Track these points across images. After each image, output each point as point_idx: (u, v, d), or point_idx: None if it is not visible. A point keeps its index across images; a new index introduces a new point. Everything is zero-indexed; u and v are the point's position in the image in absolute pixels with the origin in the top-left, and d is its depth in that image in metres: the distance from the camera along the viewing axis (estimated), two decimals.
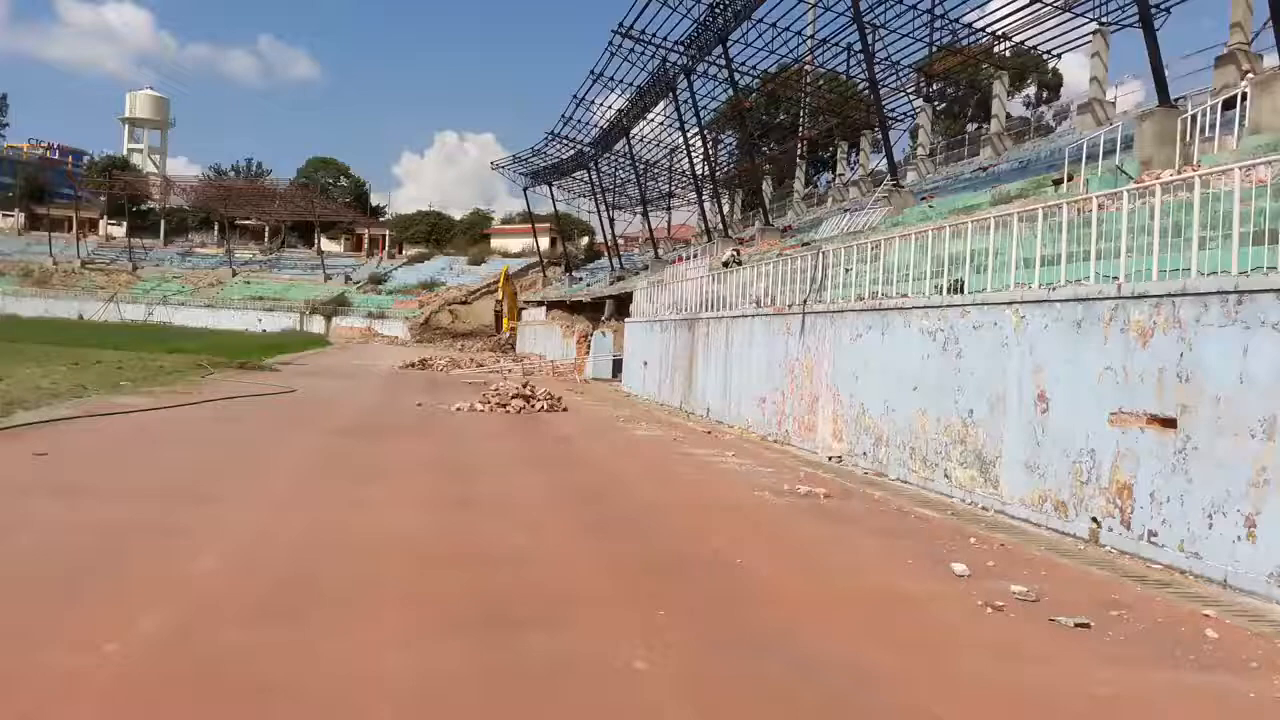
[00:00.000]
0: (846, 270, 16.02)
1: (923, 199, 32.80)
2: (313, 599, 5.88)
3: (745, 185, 67.58)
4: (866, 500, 11.29)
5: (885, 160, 35.79)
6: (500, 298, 73.74)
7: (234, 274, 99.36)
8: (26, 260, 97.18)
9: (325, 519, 8.39)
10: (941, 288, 12.72)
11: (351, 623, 5.43)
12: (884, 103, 41.50)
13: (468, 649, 5.12)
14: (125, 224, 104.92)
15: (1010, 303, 10.62)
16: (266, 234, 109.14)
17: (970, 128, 52.73)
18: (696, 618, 5.95)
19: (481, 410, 20.00)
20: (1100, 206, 10.12)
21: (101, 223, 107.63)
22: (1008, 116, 44.29)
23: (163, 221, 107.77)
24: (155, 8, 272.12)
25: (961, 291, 12.17)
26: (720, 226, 46.99)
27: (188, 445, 12.66)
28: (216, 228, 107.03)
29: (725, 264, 25.96)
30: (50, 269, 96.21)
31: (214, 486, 9.67)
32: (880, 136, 36.73)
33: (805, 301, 16.52)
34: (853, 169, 53.88)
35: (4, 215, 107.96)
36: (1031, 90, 62.55)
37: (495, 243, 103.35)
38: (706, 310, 22.68)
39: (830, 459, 14.59)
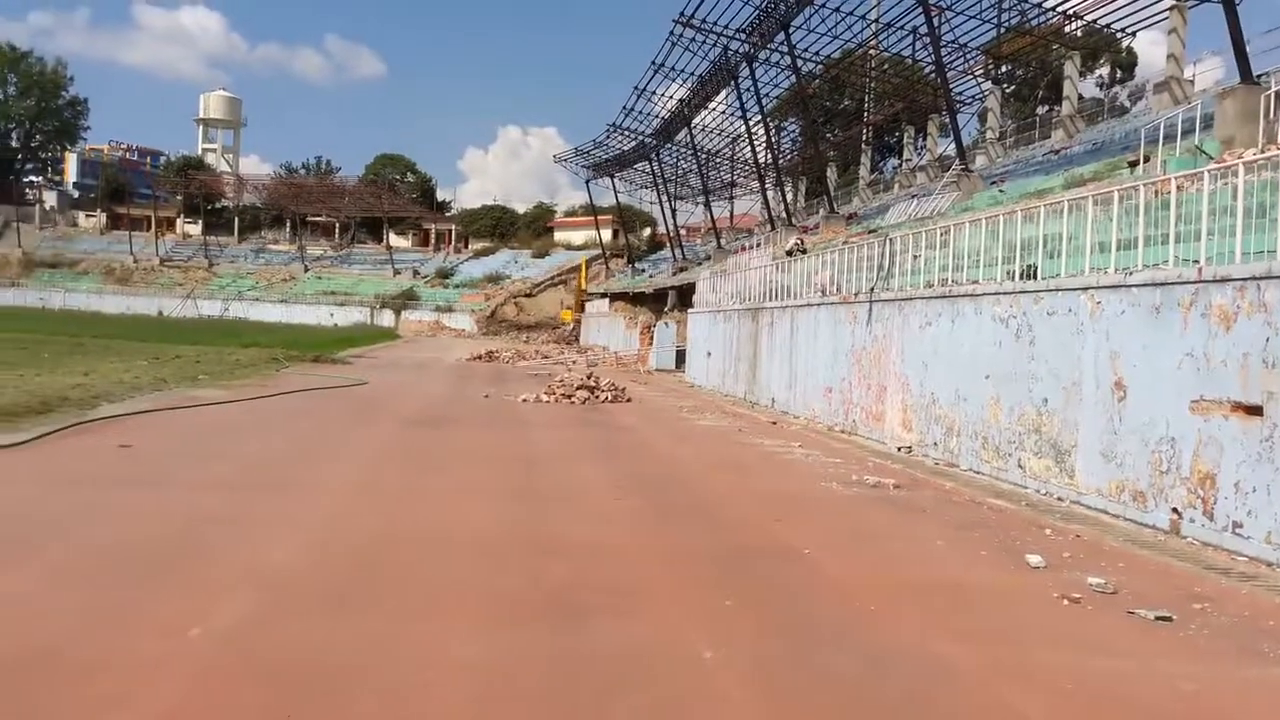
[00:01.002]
0: (915, 257, 15.77)
1: (993, 183, 32.12)
2: (383, 587, 6.00)
3: (809, 173, 66.84)
4: (937, 491, 11.12)
5: (953, 145, 35.13)
6: (583, 286, 74.71)
7: (306, 270, 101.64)
8: (108, 259, 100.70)
9: (395, 508, 8.55)
10: (1013, 274, 12.45)
11: (421, 610, 5.53)
12: (951, 86, 40.63)
13: (536, 637, 5.17)
14: (201, 222, 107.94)
15: (1085, 288, 10.35)
16: (337, 230, 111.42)
17: (1041, 110, 51.43)
18: (764, 608, 5.93)
19: (547, 401, 20.18)
20: (1179, 188, 9.79)
21: (178, 221, 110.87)
22: (1080, 98, 43.04)
23: (236, 219, 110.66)
24: (226, 10, 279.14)
25: (1034, 277, 11.89)
26: (784, 215, 46.60)
27: (263, 437, 13.00)
28: (288, 225, 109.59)
29: (789, 253, 25.74)
30: (131, 267, 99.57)
31: (288, 476, 9.93)
32: (948, 120, 36.01)
33: (872, 289, 16.30)
34: (920, 154, 52.95)
35: (86, 215, 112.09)
36: (1105, 70, 60.66)
37: (558, 235, 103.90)
38: (771, 300, 22.54)
39: (899, 449, 14.40)
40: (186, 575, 5.99)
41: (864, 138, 58.31)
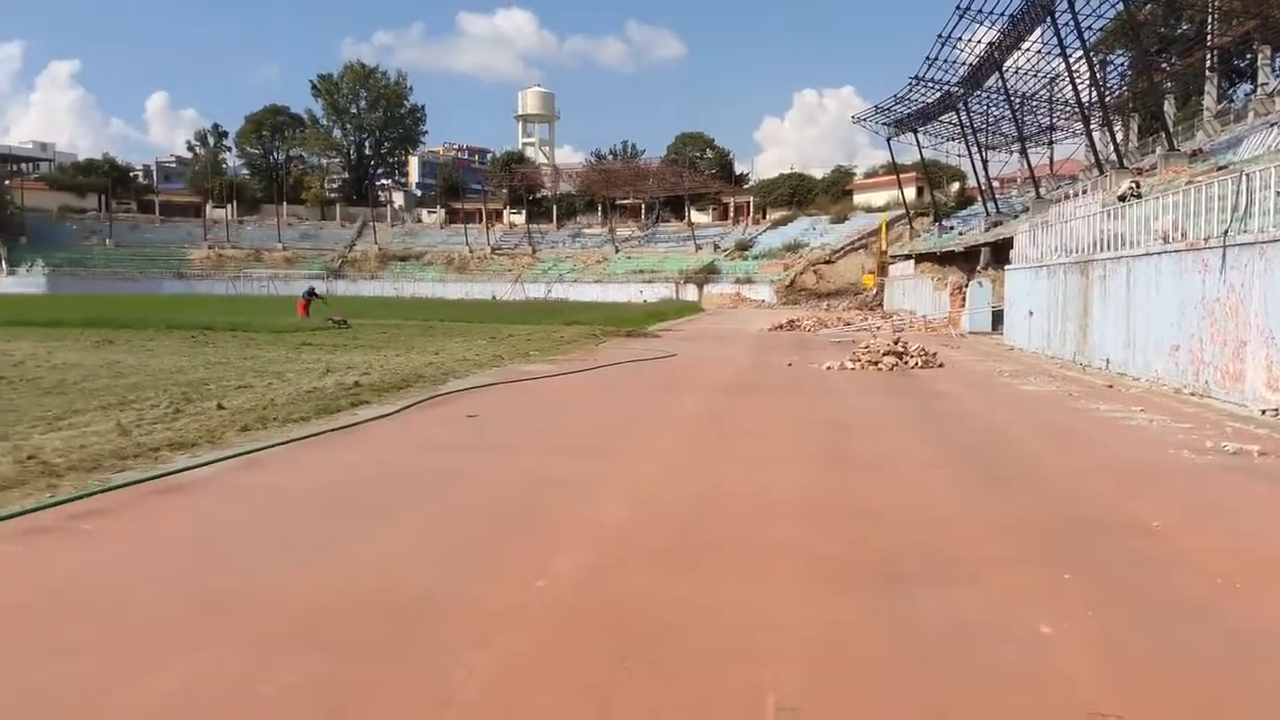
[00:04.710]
0: (1278, 194, 13.74)
1: None
2: (705, 547, 6.20)
3: (1141, 109, 60.27)
4: None
5: None
6: (882, 247, 72.71)
7: (616, 250, 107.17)
8: (448, 250, 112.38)
9: (711, 472, 8.80)
10: None
11: (743, 572, 5.65)
12: None
13: (860, 603, 5.13)
14: (524, 212, 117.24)
15: None
16: (642, 211, 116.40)
17: None
18: (1109, 583, 5.47)
19: (852, 368, 19.83)
20: None
21: (505, 212, 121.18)
22: None
23: (554, 207, 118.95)
24: (537, 9, 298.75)
25: None
26: (1113, 157, 42.32)
27: (588, 405, 13.90)
28: (600, 209, 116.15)
29: (1122, 197, 23.37)
30: (467, 256, 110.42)
31: (612, 441, 10.54)
32: None
33: (1225, 233, 14.42)
34: (1278, 76, 45.97)
35: (428, 212, 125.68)
36: None
37: (858, 198, 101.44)
38: (1101, 250, 20.61)
39: (1264, 412, 12.69)
40: (530, 531, 6.55)
41: (1208, 64, 51.47)
